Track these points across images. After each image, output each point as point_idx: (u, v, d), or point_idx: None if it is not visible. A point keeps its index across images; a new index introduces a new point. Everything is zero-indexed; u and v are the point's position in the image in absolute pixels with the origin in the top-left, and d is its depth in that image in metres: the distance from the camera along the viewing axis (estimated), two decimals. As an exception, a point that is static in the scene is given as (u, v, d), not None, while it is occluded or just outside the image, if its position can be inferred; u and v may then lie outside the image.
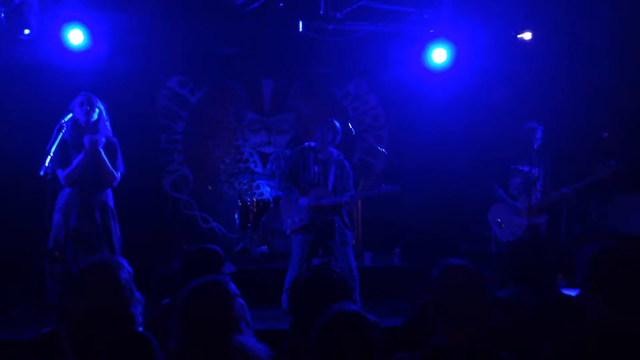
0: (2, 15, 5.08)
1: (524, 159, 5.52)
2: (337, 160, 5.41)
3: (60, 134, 4.03)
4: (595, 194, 6.73)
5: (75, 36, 5.69)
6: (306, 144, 5.52)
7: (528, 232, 5.41)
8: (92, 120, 4.56)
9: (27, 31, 5.29)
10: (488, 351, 2.16)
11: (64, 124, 4.11)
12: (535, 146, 5.51)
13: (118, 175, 4.70)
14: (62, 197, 4.53)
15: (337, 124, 5.37)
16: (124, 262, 2.49)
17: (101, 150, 4.52)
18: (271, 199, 7.08)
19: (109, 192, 4.72)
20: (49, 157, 3.83)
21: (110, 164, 4.62)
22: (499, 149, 6.16)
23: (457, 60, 6.34)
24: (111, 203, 4.71)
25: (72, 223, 4.42)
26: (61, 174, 4.48)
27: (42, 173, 3.80)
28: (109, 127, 4.71)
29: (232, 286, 2.43)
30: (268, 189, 7.61)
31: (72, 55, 5.83)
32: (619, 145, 6.39)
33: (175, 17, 6.03)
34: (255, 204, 6.93)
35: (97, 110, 4.58)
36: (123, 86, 6.94)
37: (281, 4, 5.20)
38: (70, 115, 4.24)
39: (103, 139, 4.56)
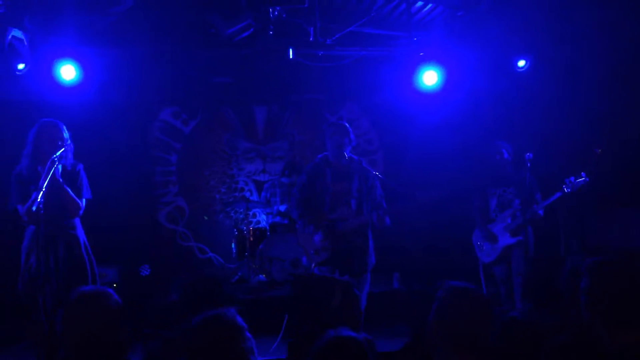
0: (-8, 52, 5.08)
1: (498, 180, 5.49)
2: (359, 170, 4.72)
3: (53, 169, 3.97)
4: (593, 210, 6.71)
5: (67, 72, 5.69)
6: (319, 156, 4.83)
7: (502, 254, 5.37)
8: (62, 153, 4.17)
9: (21, 66, 5.24)
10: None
11: (56, 159, 4.03)
12: (506, 164, 5.46)
13: (83, 203, 4.35)
14: (26, 236, 4.24)
15: (347, 125, 4.77)
16: (111, 291, 2.47)
17: (60, 179, 4.15)
18: (268, 227, 7.05)
19: (77, 223, 4.37)
20: (41, 193, 3.77)
21: (74, 192, 4.27)
22: (476, 172, 6.12)
23: (448, 83, 6.37)
24: (81, 235, 4.36)
25: (34, 264, 4.06)
26: (21, 210, 4.16)
27: (34, 209, 3.74)
28: (71, 156, 4.37)
29: (239, 319, 2.37)
30: (264, 217, 7.58)
31: (64, 91, 5.82)
32: (612, 161, 6.40)
33: (166, 49, 6.06)
34: (251, 233, 6.88)
35: (64, 144, 4.25)
36: (116, 120, 6.97)
37: (271, 32, 5.23)
38: (62, 150, 4.15)
39: (59, 167, 4.15)
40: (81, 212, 4.38)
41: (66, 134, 4.35)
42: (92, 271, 4.32)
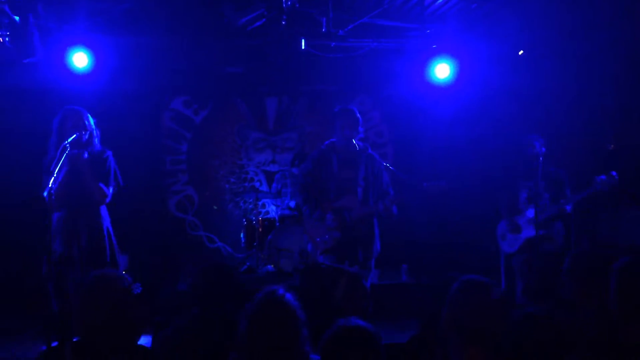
0: (7, 39, 5.10)
1: (529, 173, 5.49)
2: (366, 157, 4.65)
3: (64, 155, 3.99)
4: (604, 209, 6.68)
5: (80, 59, 5.70)
6: (326, 142, 4.75)
7: (524, 245, 5.37)
8: (84, 140, 4.31)
9: (32, 55, 5.26)
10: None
11: (68, 145, 4.05)
12: (537, 158, 5.44)
13: (109, 190, 4.37)
14: (54, 221, 4.22)
15: (357, 112, 4.65)
16: (125, 276, 2.50)
17: (84, 165, 4.22)
18: (277, 218, 7.06)
19: (102, 211, 4.39)
20: (52, 178, 3.80)
21: (101, 178, 4.30)
22: (505, 164, 6.13)
23: (460, 75, 6.34)
24: (106, 222, 4.39)
25: (59, 249, 4.15)
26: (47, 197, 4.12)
27: (45, 194, 3.77)
28: (97, 142, 4.43)
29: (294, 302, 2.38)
30: (274, 207, 7.59)
31: (77, 78, 5.85)
32: (624, 159, 6.36)
33: (178, 38, 6.07)
34: (260, 223, 6.90)
35: (88, 131, 4.33)
36: (128, 108, 6.99)
37: (284, 23, 5.22)
38: (74, 136, 4.17)
39: (85, 154, 4.26)
40: (107, 199, 4.39)
41: (90, 121, 4.40)
42: (112, 260, 4.33)
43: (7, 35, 5.12)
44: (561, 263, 2.90)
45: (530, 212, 5.37)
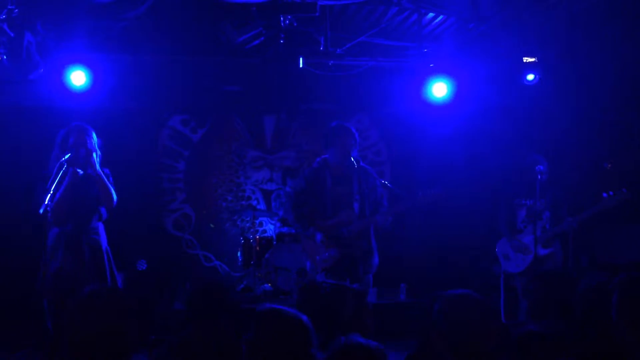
0: (5, 57, 5.10)
1: (528, 192, 5.48)
2: (358, 170, 4.62)
3: (61, 172, 3.98)
4: (601, 226, 6.66)
5: (78, 78, 5.70)
6: (317, 160, 4.75)
7: (533, 264, 5.34)
8: (80, 157, 4.31)
9: (34, 72, 5.27)
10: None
11: (65, 162, 4.05)
12: (538, 178, 5.44)
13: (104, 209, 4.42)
14: (50, 237, 4.25)
15: (355, 132, 4.67)
16: (121, 292, 2.44)
17: (83, 183, 4.27)
18: (274, 236, 7.03)
19: (101, 230, 4.43)
20: (49, 195, 3.78)
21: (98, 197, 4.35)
22: (503, 183, 6.13)
23: (458, 94, 6.36)
24: (104, 242, 4.41)
25: (58, 265, 4.14)
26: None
27: (41, 211, 3.75)
28: (97, 162, 4.42)
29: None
30: (271, 226, 7.56)
31: (75, 96, 5.85)
32: (620, 176, 6.37)
33: (177, 56, 6.09)
34: (258, 242, 6.86)
35: (88, 149, 4.34)
36: (125, 126, 7.00)
37: (282, 41, 5.24)
38: (69, 154, 4.16)
39: (81, 172, 4.30)
40: (104, 217, 4.44)
41: (94, 139, 4.41)
42: (112, 278, 4.33)
43: (5, 54, 5.12)
44: (563, 283, 2.89)
45: (533, 231, 5.36)
